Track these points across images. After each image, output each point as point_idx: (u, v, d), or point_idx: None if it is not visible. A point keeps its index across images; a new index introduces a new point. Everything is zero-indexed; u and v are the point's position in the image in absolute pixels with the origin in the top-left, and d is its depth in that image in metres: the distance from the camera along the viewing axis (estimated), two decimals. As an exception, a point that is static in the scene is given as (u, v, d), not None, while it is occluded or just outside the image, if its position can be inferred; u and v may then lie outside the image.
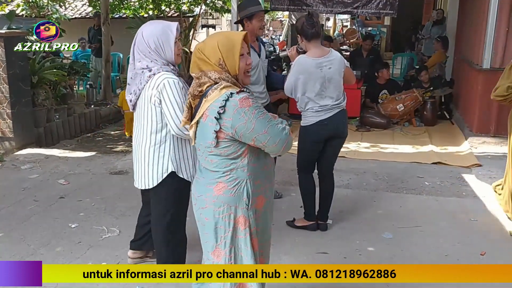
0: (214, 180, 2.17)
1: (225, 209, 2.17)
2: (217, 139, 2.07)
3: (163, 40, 2.75)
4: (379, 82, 7.99)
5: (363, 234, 3.84)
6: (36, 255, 3.47)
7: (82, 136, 7.64)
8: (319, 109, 3.64)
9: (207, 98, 2.09)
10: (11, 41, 6.05)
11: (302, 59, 3.64)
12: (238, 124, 2.04)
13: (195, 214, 2.31)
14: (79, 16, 15.38)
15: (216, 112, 2.04)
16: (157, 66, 2.75)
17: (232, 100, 2.05)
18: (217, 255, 2.22)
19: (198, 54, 2.16)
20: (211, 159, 2.15)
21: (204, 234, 2.25)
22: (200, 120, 2.13)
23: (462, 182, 5.01)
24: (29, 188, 4.82)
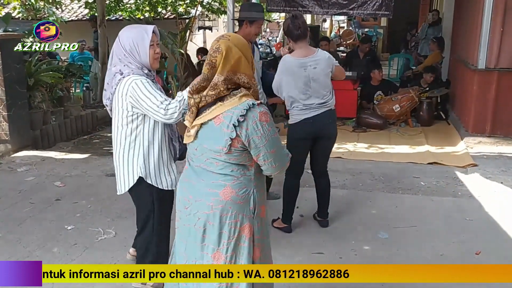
0: (220, 183, 2.13)
1: (233, 215, 2.13)
2: (230, 146, 2.06)
3: (138, 42, 2.69)
4: (373, 83, 8.02)
5: (359, 234, 3.85)
6: (32, 257, 3.47)
7: (79, 138, 7.62)
8: (304, 107, 3.67)
9: (224, 103, 2.06)
10: (7, 43, 6.05)
11: (286, 58, 3.70)
12: (253, 136, 2.05)
13: (183, 218, 2.23)
14: (76, 19, 15.40)
15: (236, 119, 2.03)
16: (128, 70, 2.69)
17: (253, 111, 2.05)
18: (217, 258, 2.19)
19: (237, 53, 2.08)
20: (217, 162, 2.12)
21: (203, 237, 2.18)
22: (209, 122, 2.09)
23: (458, 182, 5.03)
24: (25, 191, 4.82)
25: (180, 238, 2.30)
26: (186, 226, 2.23)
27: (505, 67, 6.30)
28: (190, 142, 2.18)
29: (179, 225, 2.29)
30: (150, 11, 13.74)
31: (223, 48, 2.06)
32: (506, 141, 6.27)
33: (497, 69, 6.33)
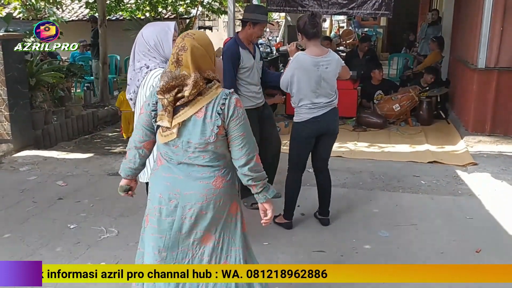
0: (209, 174, 2.23)
1: (223, 200, 2.26)
2: (217, 135, 2.16)
3: (161, 37, 2.82)
4: (373, 82, 8.04)
5: (360, 232, 3.88)
6: (36, 255, 3.49)
7: (80, 138, 7.66)
8: (313, 106, 3.72)
9: (203, 97, 2.15)
10: (9, 43, 6.08)
11: (300, 55, 3.72)
12: (232, 119, 2.18)
13: (164, 213, 2.25)
14: (76, 19, 15.42)
15: (219, 107, 2.15)
16: (154, 63, 2.82)
17: (231, 98, 2.18)
18: (207, 239, 2.30)
19: (202, 51, 2.16)
20: (203, 154, 2.20)
21: (192, 226, 2.25)
22: (192, 118, 2.16)
23: (458, 180, 5.05)
24: (28, 190, 4.84)
25: (157, 233, 2.29)
26: (167, 219, 2.26)
27: (504, 66, 6.33)
28: (169, 140, 2.19)
29: (155, 222, 2.28)
30: (150, 11, 13.75)
31: (189, 46, 2.13)
32: (506, 140, 6.30)
33: (497, 68, 6.35)
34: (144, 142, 2.34)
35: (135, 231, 3.80)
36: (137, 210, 4.18)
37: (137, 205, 4.25)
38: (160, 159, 2.32)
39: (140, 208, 4.24)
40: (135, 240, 3.65)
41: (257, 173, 2.27)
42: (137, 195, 4.32)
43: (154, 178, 2.33)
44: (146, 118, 2.29)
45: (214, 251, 2.32)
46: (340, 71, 3.82)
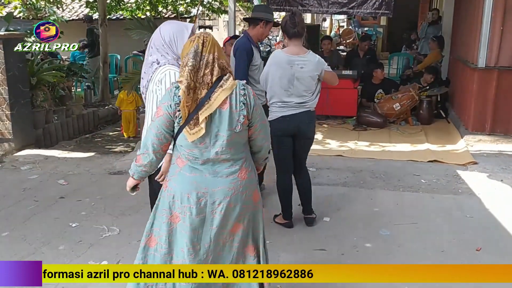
0: (235, 168, 2.31)
1: (249, 190, 2.36)
2: (242, 125, 2.26)
3: (177, 35, 2.83)
4: (374, 82, 8.05)
5: (361, 231, 3.89)
6: (38, 253, 3.50)
7: (81, 137, 7.68)
8: (283, 105, 3.72)
9: (224, 88, 2.21)
10: (10, 43, 6.09)
11: (277, 52, 3.79)
12: (255, 109, 2.30)
13: (194, 212, 2.28)
14: (77, 18, 15.41)
15: (242, 98, 2.25)
16: (165, 60, 2.82)
17: (247, 88, 2.31)
18: (236, 228, 2.39)
19: (218, 44, 2.28)
20: (229, 147, 2.27)
21: (222, 220, 2.32)
22: (217, 111, 2.21)
23: (458, 179, 5.07)
24: (29, 189, 4.85)
25: (190, 231, 2.33)
26: (199, 217, 2.31)
27: (505, 66, 6.34)
28: (198, 137, 2.21)
29: (187, 220, 2.31)
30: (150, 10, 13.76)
31: (205, 37, 2.26)
32: (506, 139, 6.31)
33: (497, 67, 6.36)
34: (162, 145, 2.32)
35: (136, 229, 3.83)
36: (139, 208, 4.19)
37: (138, 203, 4.27)
38: (181, 160, 2.33)
39: (142, 206, 4.27)
40: (137, 239, 3.67)
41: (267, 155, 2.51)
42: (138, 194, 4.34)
43: (178, 178, 2.33)
44: (167, 120, 2.26)
45: (242, 238, 2.42)
46: (322, 75, 3.75)
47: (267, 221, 4.01)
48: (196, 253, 2.36)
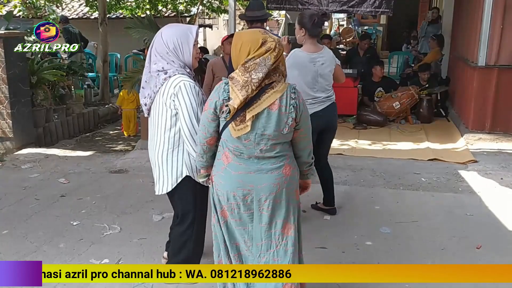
0: (279, 164, 2.36)
1: (293, 186, 2.43)
2: (290, 127, 2.31)
3: (182, 41, 2.71)
4: (373, 80, 8.05)
5: (361, 229, 3.90)
6: (39, 252, 3.51)
7: (81, 136, 7.69)
8: (313, 101, 3.76)
9: (276, 90, 2.27)
10: (10, 41, 6.09)
11: (297, 52, 3.78)
12: (303, 112, 2.35)
13: (242, 208, 2.38)
14: (76, 17, 15.40)
15: (292, 101, 2.29)
16: (173, 68, 2.69)
17: (297, 92, 2.34)
18: (288, 229, 2.43)
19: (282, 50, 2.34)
20: (275, 146, 2.32)
21: (271, 216, 2.38)
22: (265, 111, 2.26)
23: (458, 178, 5.07)
24: (30, 187, 4.86)
25: (240, 226, 2.43)
26: (246, 214, 2.40)
27: (505, 64, 6.34)
28: (242, 134, 2.28)
29: (237, 216, 2.42)
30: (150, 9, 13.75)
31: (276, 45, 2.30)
32: (506, 138, 6.32)
33: (497, 66, 6.37)
34: (207, 138, 2.40)
35: (138, 227, 3.85)
36: (140, 207, 4.21)
37: (139, 202, 4.28)
38: (227, 156, 2.37)
39: (142, 205, 4.29)
40: (138, 237, 3.70)
41: (313, 159, 2.55)
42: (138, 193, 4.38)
43: (224, 176, 2.39)
44: (211, 115, 2.34)
45: (295, 239, 2.45)
46: (335, 69, 3.87)
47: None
48: (249, 249, 2.45)
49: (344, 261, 3.38)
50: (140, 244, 3.61)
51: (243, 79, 2.23)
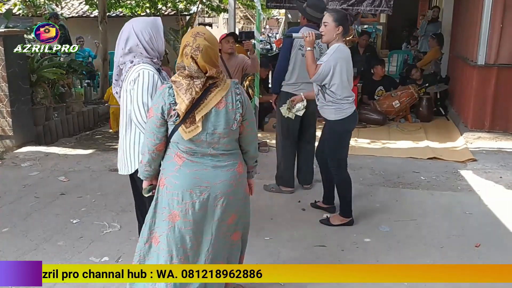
0: (233, 162, 2.42)
1: (244, 183, 2.51)
2: (237, 123, 2.36)
3: (155, 31, 2.82)
4: (374, 78, 8.06)
5: (360, 227, 3.91)
6: (39, 250, 3.52)
7: (81, 134, 7.68)
8: (352, 100, 3.76)
9: (220, 88, 2.31)
10: (10, 40, 6.08)
11: (342, 46, 3.69)
12: (247, 106, 2.40)
13: (196, 206, 2.35)
14: (76, 15, 15.39)
15: (238, 97, 2.35)
16: (138, 59, 2.78)
17: (240, 87, 2.41)
18: (231, 219, 2.51)
19: (214, 51, 2.33)
20: (226, 143, 2.37)
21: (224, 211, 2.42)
22: (212, 110, 2.29)
23: (458, 176, 5.08)
24: (30, 185, 4.86)
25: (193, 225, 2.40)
26: (200, 212, 2.38)
27: (504, 63, 6.36)
28: (194, 135, 2.29)
29: (190, 216, 2.38)
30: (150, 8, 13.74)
31: (203, 47, 2.26)
32: (505, 136, 6.33)
33: (497, 65, 6.38)
34: (156, 145, 2.39)
35: (137, 226, 3.83)
36: (139, 205, 4.20)
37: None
38: (179, 156, 2.37)
39: (142, 203, 4.26)
40: (138, 235, 3.69)
41: (257, 154, 2.55)
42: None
43: (179, 176, 2.37)
44: (158, 121, 2.33)
45: (233, 226, 2.53)
46: None
47: (267, 218, 4.03)
48: (199, 245, 2.44)
49: (343, 259, 3.39)
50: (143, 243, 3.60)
51: (185, 82, 2.27)
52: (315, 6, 4.33)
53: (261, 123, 6.75)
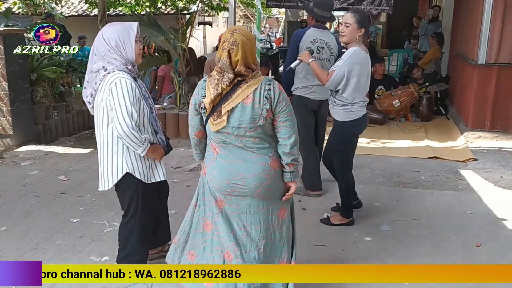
0: (265, 157, 2.48)
1: (281, 179, 2.55)
2: (265, 118, 2.40)
3: (123, 37, 2.73)
4: (375, 77, 8.04)
5: (361, 226, 3.90)
6: (39, 249, 3.51)
7: (81, 133, 7.68)
8: (364, 104, 3.71)
9: (249, 84, 2.39)
10: (10, 39, 6.08)
11: (358, 51, 3.56)
12: (279, 101, 2.42)
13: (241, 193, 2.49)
14: (76, 14, 15.39)
15: (266, 93, 2.39)
16: (113, 66, 2.71)
17: (274, 83, 2.45)
18: (282, 213, 2.62)
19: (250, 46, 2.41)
20: (254, 137, 2.44)
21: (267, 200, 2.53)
22: (239, 105, 2.38)
23: (458, 176, 5.08)
24: (30, 184, 4.86)
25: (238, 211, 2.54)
26: (244, 199, 2.52)
27: (505, 62, 6.35)
28: (220, 128, 2.42)
29: (234, 202, 2.53)
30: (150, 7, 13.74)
31: (239, 41, 2.36)
32: (506, 136, 6.33)
33: (497, 64, 6.37)
34: (195, 132, 2.59)
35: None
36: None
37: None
38: (214, 147, 2.53)
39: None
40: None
41: (295, 154, 2.52)
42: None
43: (216, 166, 2.52)
44: (193, 111, 2.54)
45: (288, 224, 2.65)
46: None
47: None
48: (248, 234, 2.53)
49: (343, 259, 3.38)
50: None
51: (217, 78, 2.39)
52: (323, 5, 4.27)
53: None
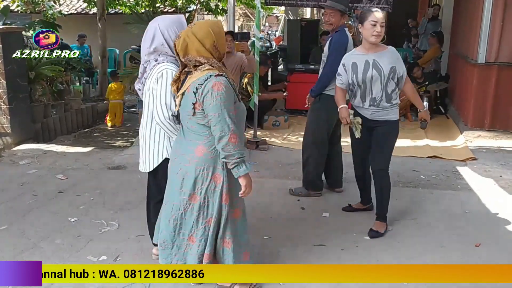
0: (194, 142, 2.62)
1: (205, 168, 2.62)
2: (194, 110, 2.55)
3: (180, 29, 2.84)
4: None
5: (360, 226, 3.88)
6: (37, 248, 3.49)
7: (79, 132, 7.67)
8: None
9: (192, 75, 2.56)
10: (8, 37, 6.06)
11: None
12: (205, 99, 2.50)
13: (172, 167, 2.74)
14: (75, 12, 15.35)
15: (195, 87, 2.52)
16: (163, 57, 2.87)
17: (210, 80, 2.51)
18: (194, 198, 2.67)
19: (192, 40, 2.55)
20: (191, 124, 2.61)
21: (181, 184, 2.67)
22: (184, 92, 2.58)
23: (457, 175, 5.07)
24: (28, 183, 4.84)
25: (168, 183, 2.78)
26: (172, 174, 2.73)
27: (504, 62, 6.34)
28: (177, 110, 2.69)
29: (169, 172, 2.78)
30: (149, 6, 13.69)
31: (182, 35, 2.57)
32: (505, 135, 6.32)
33: (497, 63, 6.36)
34: None
35: (136, 224, 3.82)
36: (138, 203, 4.19)
37: (137, 198, 4.26)
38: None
39: (141, 201, 4.25)
40: (136, 233, 3.68)
41: (227, 152, 2.53)
42: (137, 189, 4.35)
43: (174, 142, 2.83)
44: None
45: (201, 209, 2.67)
46: None
47: (266, 217, 4.01)
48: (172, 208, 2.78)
49: (343, 259, 3.37)
50: (138, 240, 3.59)
51: None
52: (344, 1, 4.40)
53: (260, 121, 6.72)
